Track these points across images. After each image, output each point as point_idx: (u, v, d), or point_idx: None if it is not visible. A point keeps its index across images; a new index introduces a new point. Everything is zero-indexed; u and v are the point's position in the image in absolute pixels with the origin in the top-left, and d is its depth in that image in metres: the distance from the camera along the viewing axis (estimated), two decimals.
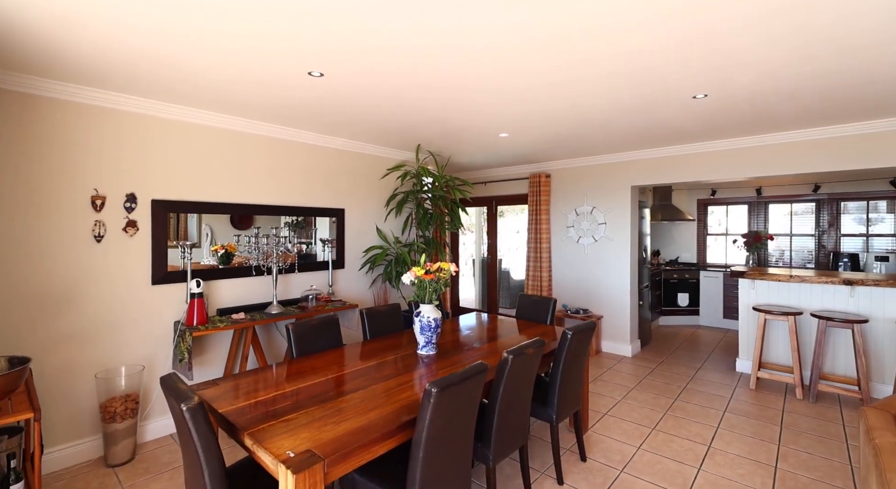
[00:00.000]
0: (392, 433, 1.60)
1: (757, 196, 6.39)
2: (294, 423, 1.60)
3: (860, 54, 2.19)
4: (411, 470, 1.57)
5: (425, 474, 1.57)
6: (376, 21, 1.83)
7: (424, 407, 1.53)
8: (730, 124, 3.55)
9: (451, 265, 2.43)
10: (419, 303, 2.59)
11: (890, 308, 3.46)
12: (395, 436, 1.62)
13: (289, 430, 1.54)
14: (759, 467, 2.50)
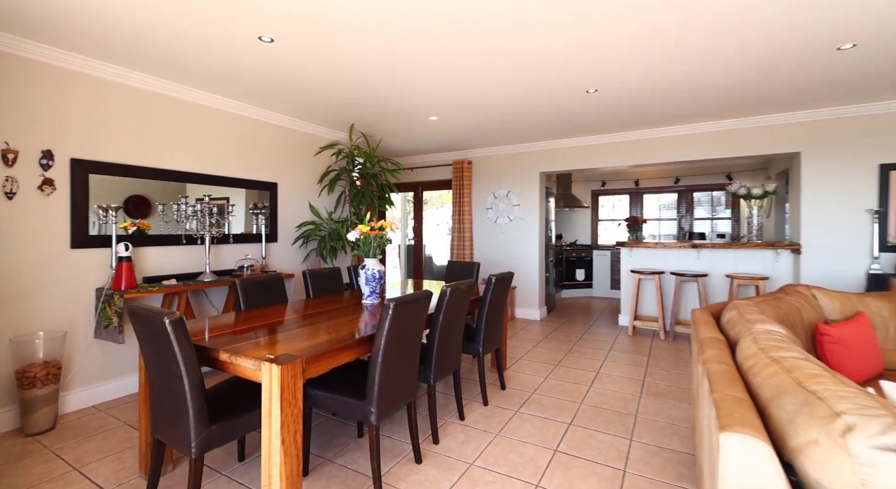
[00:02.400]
0: (354, 345, 1.90)
1: (636, 186, 7.70)
2: (263, 343, 1.82)
3: (704, 63, 3.01)
4: (371, 375, 1.89)
5: (383, 378, 1.91)
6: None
7: (383, 319, 1.87)
8: (616, 119, 4.39)
9: (393, 224, 2.76)
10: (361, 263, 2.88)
11: (722, 265, 4.61)
12: (356, 349, 1.93)
13: (260, 347, 1.76)
14: (632, 381, 3.27)
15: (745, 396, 1.22)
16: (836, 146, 3.99)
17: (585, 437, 2.38)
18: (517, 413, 2.71)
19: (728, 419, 1.05)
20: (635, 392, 3.05)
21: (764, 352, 1.42)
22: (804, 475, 0.96)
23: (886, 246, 3.74)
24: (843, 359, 2.20)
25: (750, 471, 0.95)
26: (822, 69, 3.02)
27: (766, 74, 3.12)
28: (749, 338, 1.59)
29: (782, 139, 4.21)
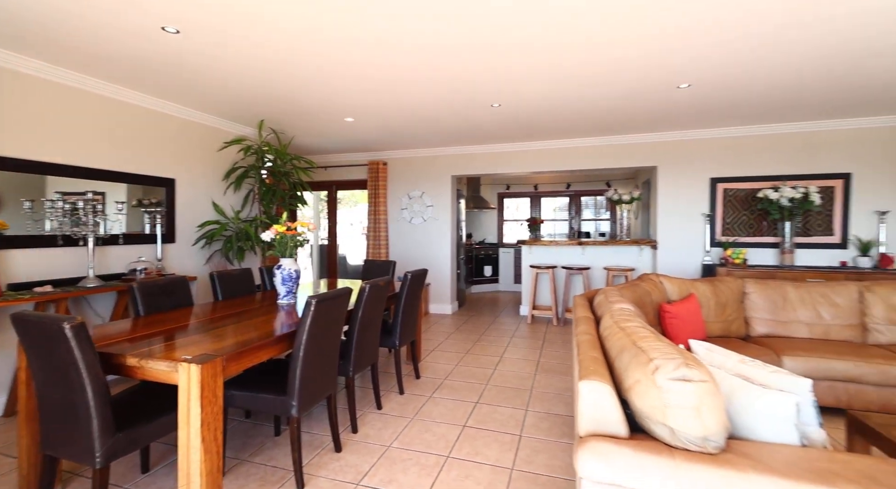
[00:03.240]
0: (273, 343, 1.96)
1: (535, 190, 8.55)
2: (176, 345, 1.80)
3: (585, 91, 3.56)
4: (292, 370, 1.97)
5: (304, 373, 2.00)
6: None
7: (305, 316, 1.96)
8: (518, 131, 4.90)
9: (310, 224, 2.82)
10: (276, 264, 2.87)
11: (601, 259, 5.43)
12: (275, 347, 1.99)
13: (173, 350, 1.74)
14: (529, 362, 3.74)
15: (601, 356, 1.60)
16: (681, 162, 4.98)
17: (490, 412, 2.72)
18: (430, 398, 2.96)
19: (585, 372, 1.40)
20: (531, 371, 3.51)
21: (616, 323, 1.85)
22: (633, 405, 1.33)
23: (715, 242, 4.80)
24: (679, 329, 2.85)
25: (598, 406, 1.30)
26: (667, 101, 3.79)
27: (630, 103, 3.82)
28: (608, 315, 2.03)
29: (644, 155, 5.11)
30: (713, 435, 1.18)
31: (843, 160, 4.39)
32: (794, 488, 1.03)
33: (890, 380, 2.47)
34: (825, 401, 2.60)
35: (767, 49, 2.70)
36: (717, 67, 3.00)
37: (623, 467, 1.14)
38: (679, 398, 1.20)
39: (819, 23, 2.36)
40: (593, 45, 2.64)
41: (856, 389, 2.55)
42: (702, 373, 1.22)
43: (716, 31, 2.45)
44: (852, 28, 2.41)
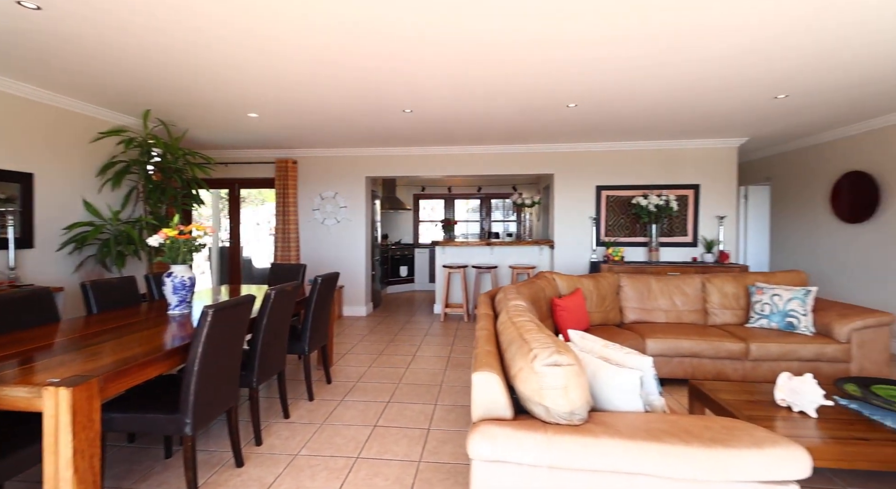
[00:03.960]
0: (164, 357, 1.83)
1: (449, 192, 8.85)
2: (38, 368, 1.59)
3: (488, 104, 3.82)
4: (186, 386, 1.85)
5: (200, 388, 1.89)
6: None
7: (200, 327, 1.85)
8: (431, 136, 5.05)
9: (207, 227, 2.63)
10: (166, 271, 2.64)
11: (507, 259, 5.85)
12: (165, 362, 1.85)
13: (33, 373, 1.53)
14: (441, 359, 3.91)
15: (495, 349, 1.79)
16: (574, 171, 5.58)
17: (401, 410, 2.81)
18: (342, 402, 2.96)
19: (479, 364, 1.56)
20: (442, 366, 3.68)
21: (510, 318, 2.07)
22: (517, 390, 1.52)
23: (600, 242, 5.47)
24: (567, 320, 3.23)
25: (488, 394, 1.46)
26: (559, 118, 4.24)
27: (527, 117, 4.19)
28: (505, 311, 2.25)
29: (543, 163, 5.63)
30: (578, 409, 1.41)
31: (694, 173, 5.32)
32: (632, 445, 1.29)
33: (720, 353, 3.10)
34: (676, 373, 3.16)
35: (636, 82, 3.19)
36: (598, 92, 3.45)
37: (506, 445, 1.31)
38: (551, 380, 1.41)
39: (671, 67, 2.86)
40: (493, 71, 2.88)
41: (698, 362, 3.14)
42: (569, 359, 1.45)
43: (596, 64, 2.83)
44: (697, 71, 2.97)
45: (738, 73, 3.02)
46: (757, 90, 3.40)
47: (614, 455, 1.28)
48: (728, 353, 3.08)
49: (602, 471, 1.30)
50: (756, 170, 6.25)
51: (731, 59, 2.80)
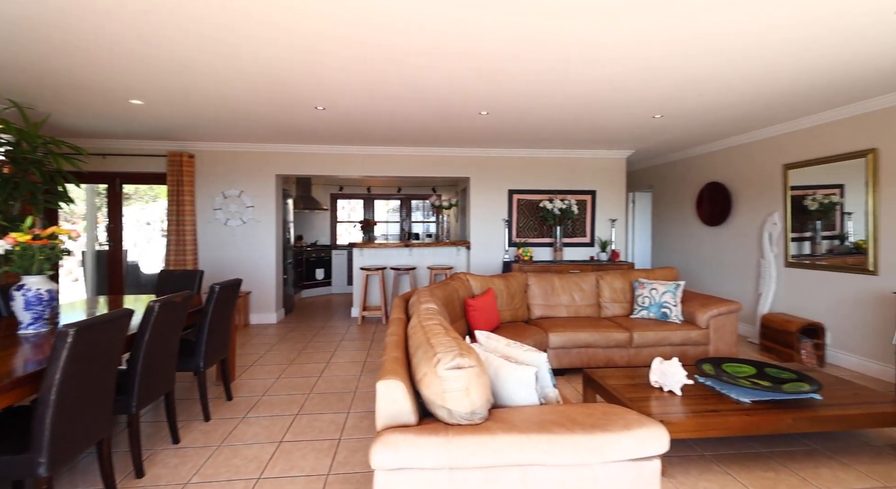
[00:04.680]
0: (10, 387, 1.53)
1: (368, 193, 8.69)
2: None
3: (403, 106, 3.80)
4: (39, 419, 1.57)
5: (58, 420, 1.61)
6: None
7: (58, 350, 1.58)
8: (348, 135, 4.90)
9: (73, 231, 2.26)
10: (16, 282, 2.22)
11: (426, 260, 5.91)
12: (13, 391, 1.55)
13: None
14: (356, 364, 3.83)
15: (402, 355, 1.80)
16: (488, 175, 5.83)
17: (310, 422, 2.69)
18: (244, 419, 2.74)
19: (384, 372, 1.56)
20: (357, 372, 3.61)
21: (420, 322, 2.09)
22: (423, 394, 1.55)
23: (511, 243, 5.79)
24: (479, 319, 3.37)
25: (392, 402, 1.46)
26: (474, 124, 4.40)
27: (443, 122, 4.28)
28: (416, 315, 2.28)
29: (460, 166, 5.79)
30: (478, 408, 1.47)
31: (591, 180, 5.89)
32: (524, 438, 1.38)
33: (610, 342, 3.47)
34: (574, 363, 3.47)
35: (539, 95, 3.42)
36: (507, 102, 3.64)
37: (408, 452, 1.33)
38: (454, 383, 1.46)
39: (568, 84, 3.12)
40: (407, 77, 2.88)
41: (592, 352, 3.48)
42: (471, 360, 1.51)
43: (502, 75, 2.98)
44: (589, 90, 3.28)
45: (623, 93, 3.40)
46: (639, 110, 3.87)
47: (509, 449, 1.36)
48: (616, 342, 3.46)
49: (498, 466, 1.37)
50: (641, 178, 7.12)
51: (617, 82, 3.15)
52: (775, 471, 2.16)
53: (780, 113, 3.96)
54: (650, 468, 1.44)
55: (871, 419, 2.18)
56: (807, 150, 4.15)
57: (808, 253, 4.14)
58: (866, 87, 3.23)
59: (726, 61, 2.76)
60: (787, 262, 4.35)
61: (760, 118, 4.14)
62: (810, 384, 2.29)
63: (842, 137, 3.82)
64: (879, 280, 3.52)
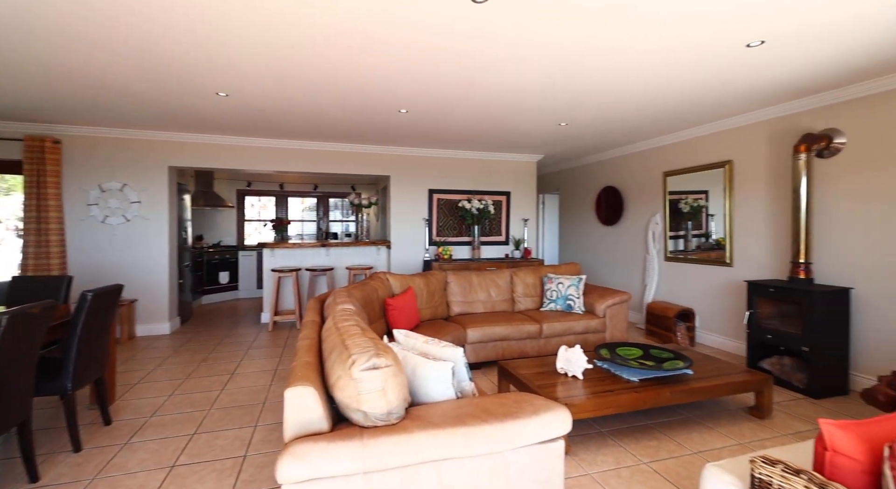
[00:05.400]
0: None
1: (281, 189, 8.14)
2: None
3: (316, 98, 3.61)
4: None
5: None
6: None
7: None
8: (255, 125, 4.51)
9: None
10: None
11: (344, 260, 5.71)
12: None
13: None
14: (266, 373, 3.55)
15: (314, 360, 1.71)
16: (409, 174, 5.82)
17: (210, 440, 2.43)
18: (126, 445, 2.39)
19: (293, 378, 1.46)
20: (267, 382, 3.35)
21: (335, 324, 2.00)
22: (337, 399, 1.49)
23: (432, 241, 5.86)
24: (398, 318, 3.34)
25: (302, 410, 1.38)
26: (393, 122, 4.35)
27: (363, 118, 4.17)
28: (331, 316, 2.18)
29: (380, 164, 5.69)
30: (395, 408, 1.46)
31: (506, 182, 6.20)
32: (441, 433, 1.40)
33: (523, 335, 3.68)
34: (491, 356, 3.62)
35: (456, 97, 3.50)
36: (426, 102, 3.66)
37: (319, 461, 1.26)
38: (369, 384, 1.42)
39: (481, 87, 3.24)
40: (322, 69, 2.74)
41: (507, 345, 3.66)
42: (388, 360, 1.49)
43: (419, 76, 2.99)
44: (502, 95, 3.43)
45: (532, 101, 3.63)
46: (547, 117, 4.16)
47: (426, 446, 1.37)
48: (528, 334, 3.68)
49: (414, 465, 1.37)
50: (550, 182, 7.68)
51: (526, 92, 3.35)
52: (658, 440, 2.47)
53: (660, 127, 4.55)
54: (555, 449, 1.55)
55: (729, 388, 2.60)
56: (681, 160, 4.83)
57: (682, 249, 4.83)
58: (725, 107, 3.85)
59: (616, 77, 3.08)
60: (666, 257, 5.02)
61: (645, 131, 4.72)
62: (684, 361, 2.67)
63: (707, 150, 4.51)
64: (734, 271, 4.22)
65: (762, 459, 1.23)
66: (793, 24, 2.27)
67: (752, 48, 2.56)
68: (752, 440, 2.46)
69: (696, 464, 2.22)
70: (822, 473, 1.13)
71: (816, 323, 3.07)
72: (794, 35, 2.40)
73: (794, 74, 2.99)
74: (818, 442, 1.15)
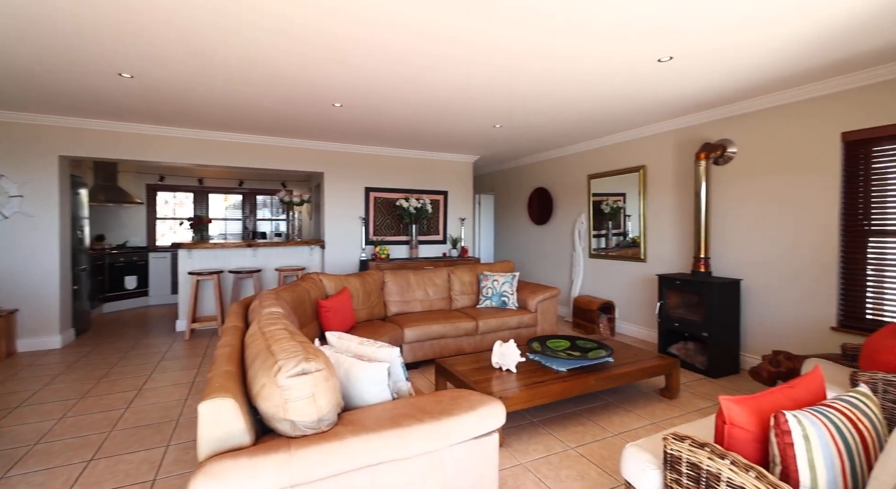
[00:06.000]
0: None
1: (200, 185, 7.46)
2: None
3: (237, 82, 3.34)
4: None
5: None
6: None
7: None
8: (168, 112, 4.06)
9: None
10: None
11: (274, 261, 5.37)
12: None
13: None
14: (180, 386, 3.22)
15: (235, 369, 1.57)
16: (344, 171, 5.62)
17: (111, 466, 2.15)
18: (2, 480, 2.02)
19: (209, 390, 1.33)
20: (182, 396, 3.04)
21: (260, 329, 1.86)
22: (261, 409, 1.38)
23: (369, 241, 5.72)
24: (332, 320, 3.21)
25: (220, 424, 1.26)
26: (327, 116, 4.17)
27: (295, 109, 3.94)
28: (256, 321, 2.02)
29: (313, 160, 5.44)
30: (326, 414, 1.38)
31: (444, 181, 6.25)
32: (375, 437, 1.35)
33: (460, 332, 3.72)
34: (429, 355, 3.62)
35: (394, 94, 3.44)
36: (364, 96, 3.55)
37: (238, 479, 1.15)
38: (298, 391, 1.33)
39: (418, 84, 3.22)
40: (247, 53, 2.54)
41: (444, 343, 3.68)
42: (318, 364, 1.41)
43: (354, 70, 2.89)
44: (440, 95, 3.44)
45: (471, 102, 3.68)
46: (484, 119, 4.25)
47: (359, 452, 1.32)
48: (465, 331, 3.74)
49: (348, 472, 1.32)
50: (485, 182, 7.88)
51: (466, 92, 3.39)
52: (584, 425, 2.63)
53: (586, 132, 4.86)
54: (490, 443, 1.58)
55: (644, 372, 2.85)
56: (603, 164, 5.21)
57: (603, 247, 5.21)
58: (641, 116, 4.21)
59: (549, 82, 3.24)
60: (590, 254, 5.38)
61: (573, 135, 5.02)
62: (606, 350, 2.87)
63: (625, 155, 4.91)
64: (647, 266, 4.64)
65: (673, 436, 1.36)
66: (693, 45, 2.54)
67: (662, 63, 2.82)
68: (663, 419, 2.72)
69: (617, 445, 2.40)
70: (721, 444, 1.27)
71: (714, 311, 3.48)
72: (694, 56, 2.69)
73: (696, 89, 3.35)
74: (718, 416, 1.28)
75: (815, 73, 2.98)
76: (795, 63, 2.80)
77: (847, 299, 3.07)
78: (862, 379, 1.91)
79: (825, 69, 2.90)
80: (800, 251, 3.32)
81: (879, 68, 2.82)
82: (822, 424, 1.11)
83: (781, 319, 3.44)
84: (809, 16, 2.21)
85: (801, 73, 2.98)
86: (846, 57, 2.70)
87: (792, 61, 2.77)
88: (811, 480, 1.08)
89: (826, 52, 2.64)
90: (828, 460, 1.08)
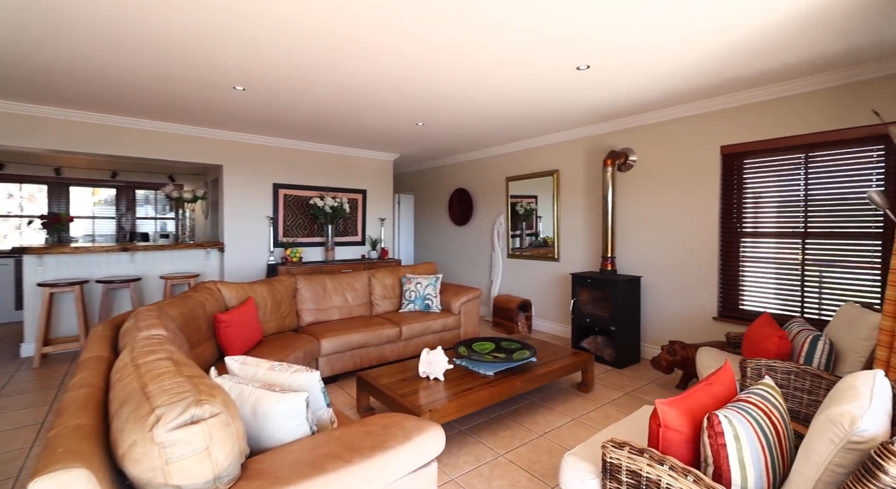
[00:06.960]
0: None
1: (57, 176, 6.11)
2: None
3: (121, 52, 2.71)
4: None
5: None
6: None
7: None
8: (18, 82, 3.17)
9: None
10: None
11: (158, 267, 4.58)
12: None
13: None
14: (28, 428, 2.53)
15: (93, 420, 1.20)
16: (248, 165, 5.01)
17: None
18: None
19: (49, 459, 0.97)
20: (26, 443, 2.38)
21: (133, 360, 1.47)
22: (131, 475, 1.05)
23: (278, 243, 5.19)
24: (234, 337, 2.79)
25: None
26: (227, 100, 3.62)
27: (180, 88, 3.33)
28: (128, 349, 1.61)
29: (209, 151, 4.74)
30: (225, 470, 1.11)
31: (363, 179, 5.94)
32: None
33: (382, 339, 3.51)
34: (348, 367, 3.35)
35: (305, 80, 3.09)
36: (272, 79, 3.14)
37: None
38: (185, 447, 1.05)
39: (336, 71, 2.93)
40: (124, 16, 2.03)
41: (365, 352, 3.44)
42: (215, 406, 1.13)
43: (263, 41, 2.51)
44: (356, 85, 3.17)
45: (392, 94, 3.48)
46: (405, 115, 4.07)
47: None
48: (388, 338, 3.53)
49: None
50: (405, 181, 7.71)
51: (386, 84, 3.18)
52: (511, 429, 2.62)
53: (506, 135, 4.96)
54: (428, 473, 1.43)
55: (563, 370, 2.94)
56: (520, 166, 5.38)
57: (519, 246, 5.38)
58: (556, 122, 4.39)
59: (472, 81, 3.18)
60: (509, 254, 5.53)
61: (494, 137, 5.09)
62: (530, 350, 2.91)
63: (540, 159, 5.11)
64: (560, 265, 4.89)
65: (612, 444, 1.34)
66: (609, 56, 2.66)
67: (581, 71, 2.93)
68: (581, 414, 2.83)
69: (543, 446, 2.42)
70: (657, 448, 1.28)
71: (619, 306, 3.76)
72: (605, 68, 2.84)
73: (609, 98, 3.57)
74: (653, 419, 1.29)
75: (702, 92, 3.36)
76: (686, 80, 3.12)
77: (725, 292, 3.53)
78: (749, 365, 2.15)
79: (709, 89, 3.28)
80: (688, 250, 3.73)
81: (754, 91, 3.27)
82: (748, 422, 1.17)
83: (674, 312, 3.84)
84: (695, 44, 2.47)
85: (692, 91, 3.33)
86: (726, 79, 3.07)
87: (686, 78, 3.08)
88: (741, 479, 1.12)
89: (708, 77, 2.99)
90: (755, 457, 1.13)
